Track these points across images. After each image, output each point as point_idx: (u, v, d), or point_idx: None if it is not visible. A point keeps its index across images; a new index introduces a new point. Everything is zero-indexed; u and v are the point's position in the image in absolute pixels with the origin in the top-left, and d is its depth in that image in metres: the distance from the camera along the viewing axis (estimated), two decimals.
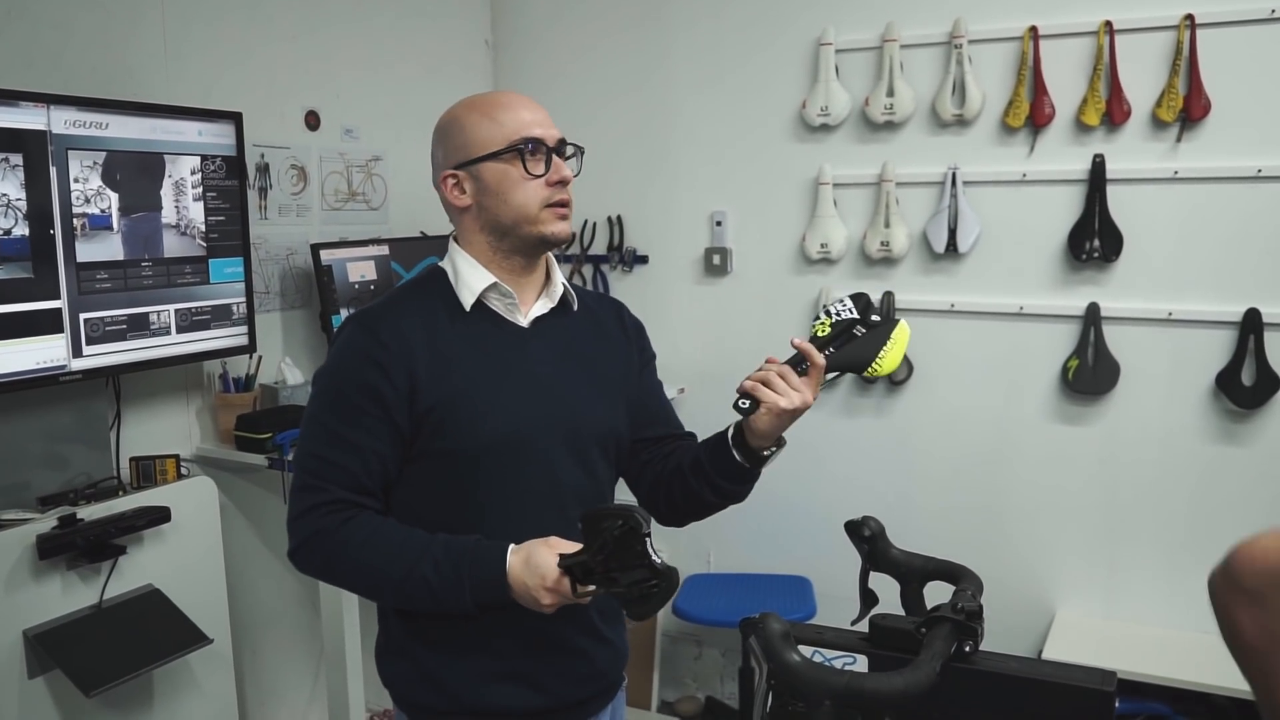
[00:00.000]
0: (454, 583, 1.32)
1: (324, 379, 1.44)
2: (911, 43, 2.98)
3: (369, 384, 1.38)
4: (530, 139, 1.42)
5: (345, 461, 1.38)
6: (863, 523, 1.28)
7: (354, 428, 1.38)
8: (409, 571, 1.33)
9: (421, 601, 1.35)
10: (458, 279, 1.46)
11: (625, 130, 3.46)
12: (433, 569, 1.33)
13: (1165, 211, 2.76)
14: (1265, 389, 2.67)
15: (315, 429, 1.42)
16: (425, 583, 1.33)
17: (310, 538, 1.38)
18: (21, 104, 2.07)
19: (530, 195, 1.42)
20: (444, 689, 1.44)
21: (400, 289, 1.54)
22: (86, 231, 2.20)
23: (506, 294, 1.46)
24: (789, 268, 3.26)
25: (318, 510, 1.37)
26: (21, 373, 2.10)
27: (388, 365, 1.38)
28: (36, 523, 2.10)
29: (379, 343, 1.39)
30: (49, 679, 2.08)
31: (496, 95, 1.48)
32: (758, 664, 1.04)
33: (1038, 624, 2.99)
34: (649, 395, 1.64)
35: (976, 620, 1.08)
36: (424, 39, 3.35)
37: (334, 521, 1.37)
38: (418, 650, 1.46)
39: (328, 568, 1.40)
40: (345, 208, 3.10)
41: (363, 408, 1.38)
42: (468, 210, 1.45)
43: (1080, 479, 2.95)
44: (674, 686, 3.58)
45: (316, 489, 1.38)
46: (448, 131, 1.46)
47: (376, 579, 1.37)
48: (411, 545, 1.35)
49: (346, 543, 1.36)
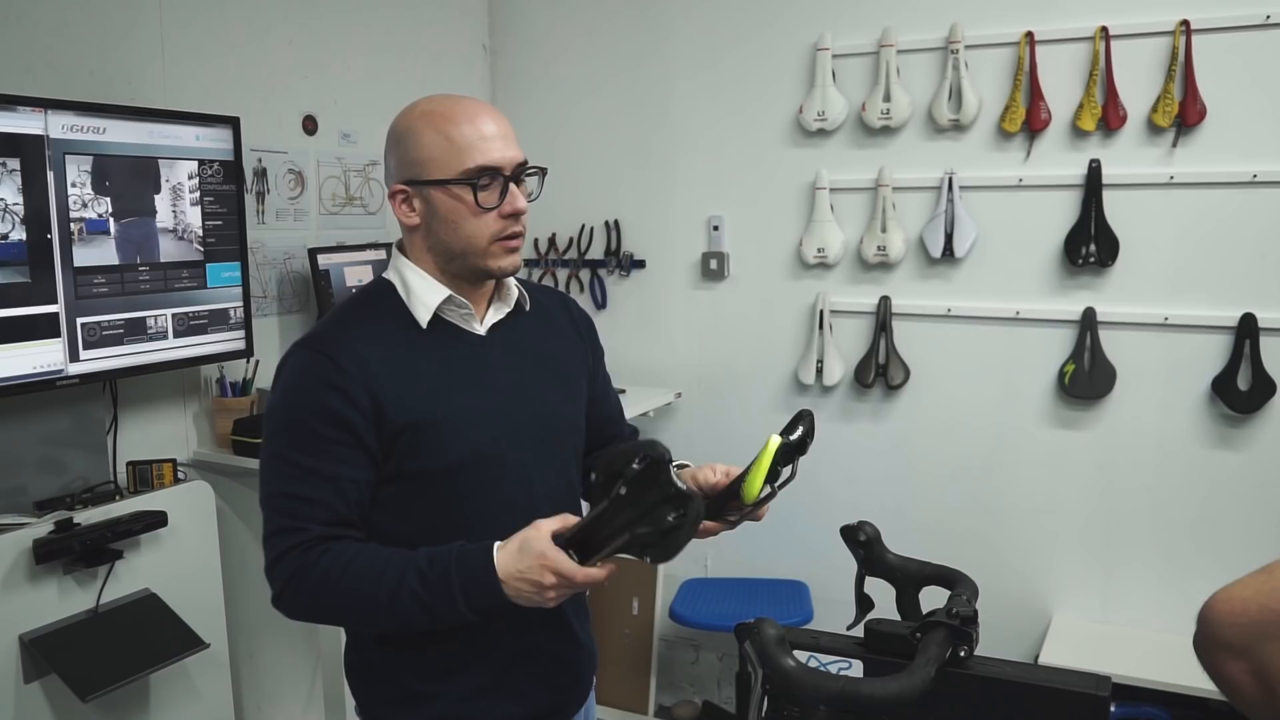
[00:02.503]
0: (443, 590, 1.25)
1: (280, 413, 1.36)
2: (908, 48, 2.99)
3: (333, 410, 1.31)
4: (485, 168, 1.34)
5: (319, 496, 1.31)
6: (858, 528, 1.28)
7: (324, 459, 1.31)
8: (396, 589, 1.27)
9: (415, 619, 1.28)
10: (409, 294, 1.40)
11: (623, 135, 3.47)
12: (419, 581, 1.26)
13: (1161, 217, 2.77)
14: (1261, 394, 2.68)
15: (280, 467, 1.34)
16: (414, 596, 1.26)
17: (290, 578, 1.31)
18: (19, 109, 2.07)
19: (481, 229, 1.36)
20: (429, 708, 1.41)
21: (345, 308, 1.45)
22: (84, 236, 2.20)
23: (462, 304, 1.42)
24: (786, 272, 3.27)
25: (295, 551, 1.30)
26: (18, 377, 2.09)
27: (348, 389, 1.32)
28: (33, 527, 2.09)
29: (336, 367, 1.32)
30: (45, 684, 2.08)
31: (454, 106, 1.37)
32: (753, 669, 1.04)
33: (1034, 628, 2.99)
34: (604, 392, 1.64)
35: (971, 625, 1.08)
36: (422, 44, 3.35)
37: (312, 556, 1.30)
38: (399, 671, 1.42)
39: (314, 604, 1.33)
40: (343, 212, 3.10)
41: (330, 437, 1.31)
42: (416, 229, 1.40)
43: (1077, 484, 2.95)
44: (671, 691, 3.58)
45: (292, 530, 1.31)
46: (401, 141, 1.38)
47: (365, 604, 1.29)
48: (394, 563, 1.29)
49: (328, 573, 1.29)
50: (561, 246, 3.58)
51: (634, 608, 3.49)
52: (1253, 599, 0.86)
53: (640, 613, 3.49)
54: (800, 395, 3.28)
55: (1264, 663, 0.84)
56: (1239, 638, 0.86)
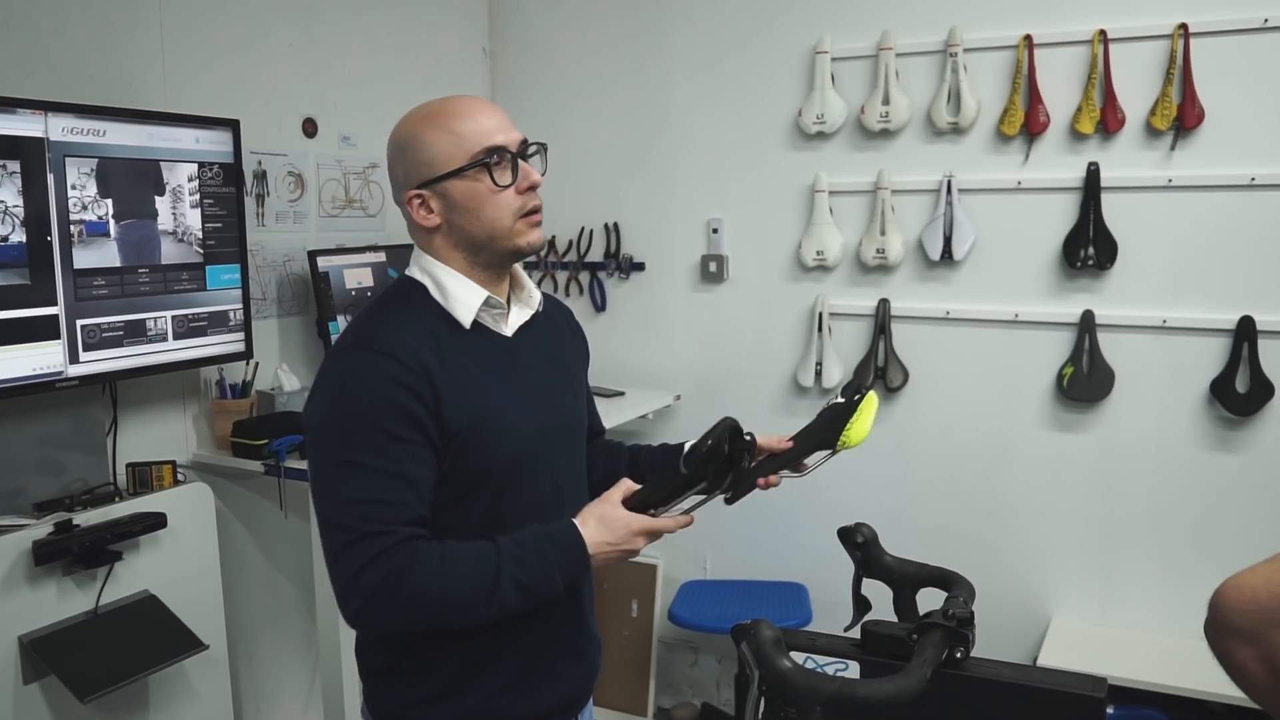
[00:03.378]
0: (543, 574, 1.31)
1: (347, 419, 1.31)
2: (907, 51, 2.99)
3: (405, 409, 1.30)
4: (493, 148, 1.37)
5: (402, 497, 1.29)
6: (855, 529, 1.29)
7: (401, 460, 1.30)
8: (496, 579, 1.29)
9: (515, 604, 1.31)
10: (447, 295, 1.40)
11: (622, 138, 3.47)
12: (518, 568, 1.30)
13: (1159, 219, 2.77)
14: (1259, 396, 2.68)
15: (353, 473, 1.29)
16: (516, 583, 1.30)
17: (382, 585, 1.26)
18: (19, 111, 2.08)
19: (502, 208, 1.38)
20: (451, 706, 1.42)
21: (383, 309, 1.42)
22: (84, 238, 2.21)
23: (496, 305, 1.43)
24: (785, 275, 3.27)
25: (384, 556, 1.27)
26: (18, 379, 2.10)
27: (416, 387, 1.31)
28: (32, 529, 2.10)
29: (401, 365, 1.31)
30: (44, 685, 2.08)
31: (449, 104, 1.40)
32: (750, 670, 1.05)
33: (1033, 630, 3.00)
34: (589, 395, 1.70)
35: (968, 626, 1.09)
36: (422, 47, 3.36)
37: (404, 560, 1.27)
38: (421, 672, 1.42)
39: (414, 608, 1.29)
40: (342, 215, 3.10)
41: (404, 436, 1.30)
42: (438, 229, 1.40)
43: (1075, 486, 2.95)
44: (670, 693, 3.58)
45: (377, 535, 1.27)
46: (405, 149, 1.39)
47: (466, 599, 1.29)
48: (485, 554, 1.31)
49: (425, 573, 1.27)
50: (561, 249, 3.58)
51: (633, 610, 3.49)
52: (1263, 586, 0.87)
53: (639, 615, 3.49)
54: (799, 398, 3.28)
55: (1273, 649, 0.85)
56: (1249, 624, 0.86)
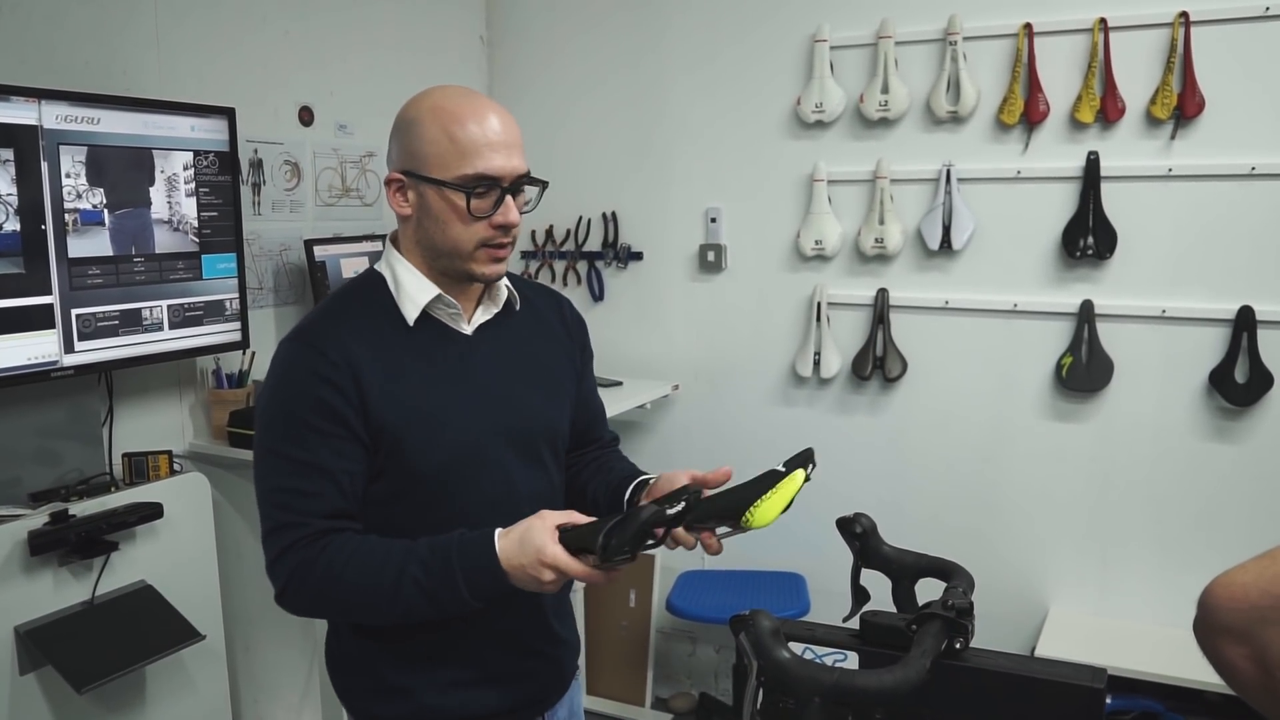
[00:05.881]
0: (446, 579, 1.25)
1: (273, 408, 1.34)
2: (906, 39, 2.98)
3: (325, 403, 1.31)
4: (483, 177, 1.32)
5: (318, 488, 1.31)
6: (854, 519, 1.28)
7: (319, 451, 1.31)
8: (399, 579, 1.27)
9: (419, 608, 1.28)
10: (399, 290, 1.40)
11: (620, 127, 3.46)
12: (421, 570, 1.26)
13: (1159, 209, 2.76)
14: (1258, 387, 2.68)
15: (275, 462, 1.33)
16: (418, 586, 1.26)
17: (293, 573, 1.30)
18: (13, 99, 2.06)
19: (468, 234, 1.35)
20: (408, 699, 1.42)
21: (335, 300, 1.44)
22: (78, 227, 2.19)
23: (450, 304, 1.41)
24: (783, 265, 3.26)
25: (296, 546, 1.30)
26: (13, 368, 2.09)
27: (339, 382, 1.31)
28: (28, 519, 2.09)
29: (327, 360, 1.32)
30: (40, 675, 2.08)
31: (464, 104, 1.35)
32: (748, 661, 1.04)
33: (1031, 621, 3.00)
34: (589, 396, 1.64)
35: (967, 617, 1.08)
36: (418, 35, 3.34)
37: (314, 551, 1.29)
38: (378, 664, 1.43)
39: (319, 598, 1.32)
40: (339, 203, 3.09)
41: (324, 429, 1.31)
42: (408, 219, 1.39)
43: (1074, 476, 2.95)
44: (668, 683, 3.59)
45: (292, 525, 1.30)
46: (406, 130, 1.37)
47: (369, 596, 1.29)
48: (395, 553, 1.29)
49: (330, 567, 1.28)
50: (559, 238, 3.57)
51: (631, 600, 3.50)
52: (1253, 584, 0.86)
53: (637, 605, 3.49)
54: (798, 387, 3.27)
55: (1264, 647, 0.84)
56: (1239, 622, 0.86)
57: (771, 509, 1.25)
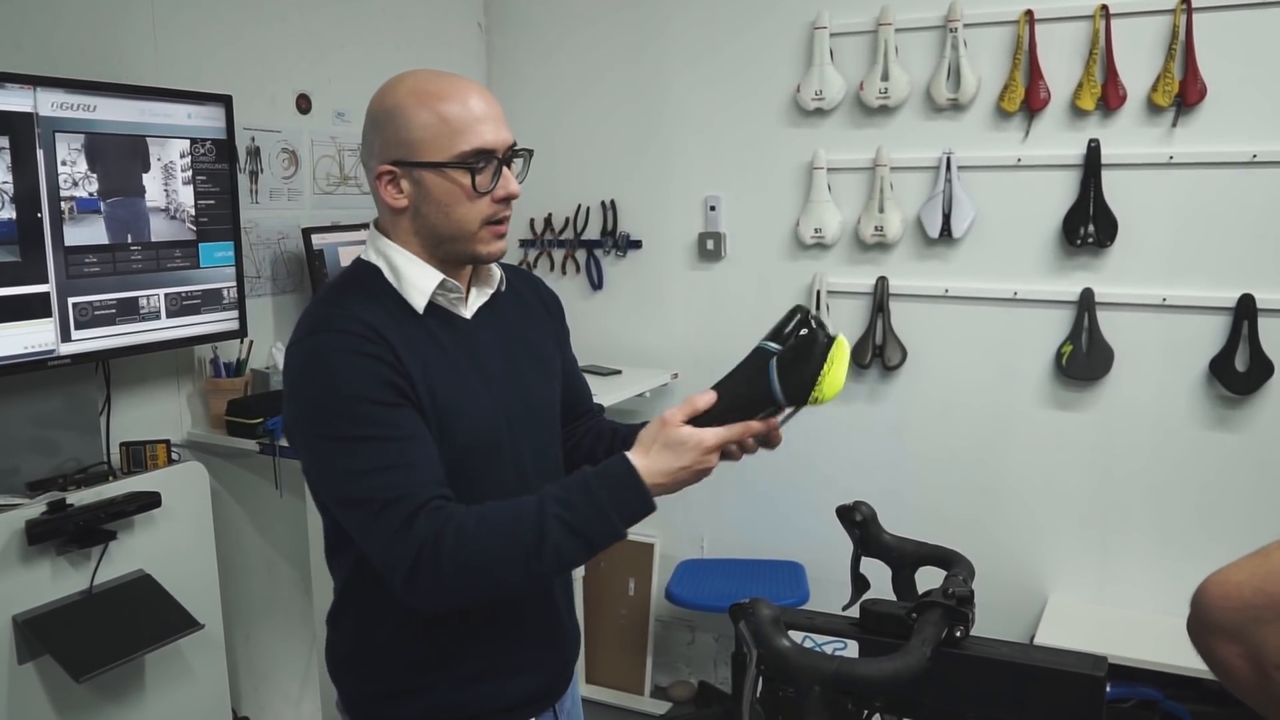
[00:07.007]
0: (593, 511, 1.21)
1: (324, 399, 1.25)
2: (906, 26, 2.96)
3: (384, 377, 1.25)
4: (481, 151, 1.30)
5: (414, 459, 1.24)
6: (854, 508, 1.28)
7: (400, 424, 1.25)
8: (540, 522, 1.20)
9: (570, 550, 1.21)
10: (400, 279, 1.35)
11: (618, 114, 3.45)
12: (563, 508, 1.21)
13: (1160, 197, 2.75)
14: (1259, 375, 2.67)
15: (357, 448, 1.23)
16: (561, 522, 1.20)
17: (422, 548, 1.19)
18: (8, 86, 2.05)
19: (473, 213, 1.33)
20: (420, 699, 1.40)
21: (335, 292, 1.37)
22: (74, 215, 2.19)
23: (454, 288, 1.38)
24: (783, 253, 3.25)
25: (417, 519, 1.20)
26: (10, 357, 2.08)
27: (381, 355, 1.26)
28: (26, 508, 2.09)
29: (359, 337, 1.26)
30: (39, 664, 2.08)
31: (445, 85, 1.32)
32: (748, 649, 1.04)
33: (1031, 609, 3.00)
34: (573, 371, 1.63)
35: (967, 605, 1.08)
36: (416, 21, 3.32)
37: (437, 521, 1.20)
38: (388, 665, 1.40)
39: (460, 569, 1.20)
40: (337, 192, 3.08)
41: (389, 400, 1.25)
42: (403, 211, 1.34)
43: (1073, 464, 2.95)
44: (667, 671, 3.59)
45: (401, 500, 1.21)
46: (387, 120, 1.32)
47: (515, 550, 1.20)
48: (524, 503, 1.23)
49: (461, 531, 1.20)
50: (557, 226, 3.56)
51: (630, 588, 3.50)
52: (1247, 582, 0.86)
53: (636, 593, 3.50)
54: None
55: (1258, 646, 0.84)
56: (1233, 621, 0.85)
57: (837, 379, 1.29)
